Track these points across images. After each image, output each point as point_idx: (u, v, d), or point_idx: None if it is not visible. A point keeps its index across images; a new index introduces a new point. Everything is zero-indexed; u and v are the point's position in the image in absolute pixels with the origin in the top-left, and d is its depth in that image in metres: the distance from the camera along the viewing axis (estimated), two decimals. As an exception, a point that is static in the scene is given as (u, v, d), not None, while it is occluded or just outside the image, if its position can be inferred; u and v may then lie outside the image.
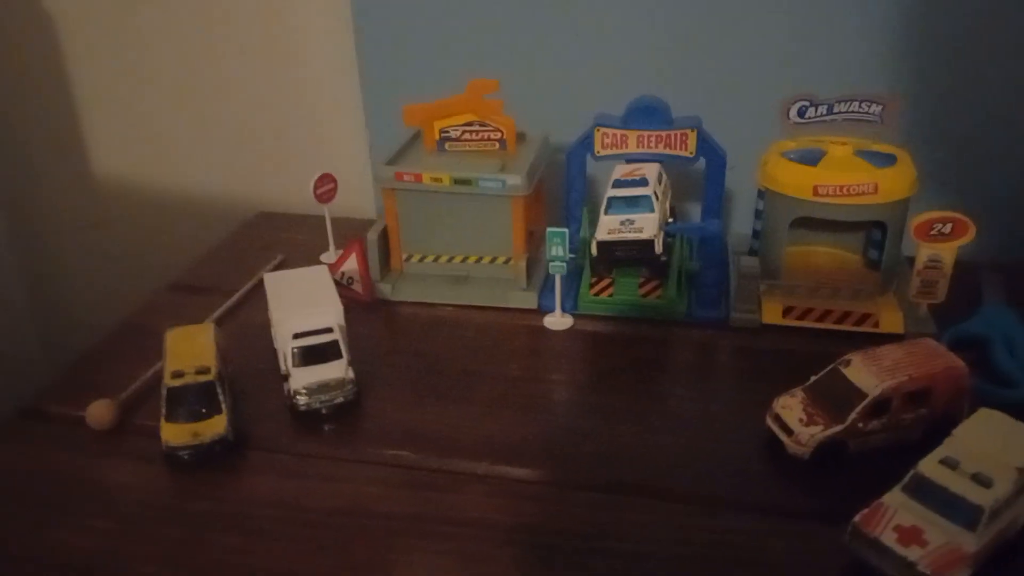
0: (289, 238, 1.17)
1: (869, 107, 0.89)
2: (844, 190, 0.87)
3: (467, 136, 1.01)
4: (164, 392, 0.76)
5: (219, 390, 0.76)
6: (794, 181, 0.89)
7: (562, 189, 1.01)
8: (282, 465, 0.75)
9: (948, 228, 0.85)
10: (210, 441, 0.74)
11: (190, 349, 0.80)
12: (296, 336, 0.81)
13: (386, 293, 1.00)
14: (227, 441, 0.75)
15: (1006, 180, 1.07)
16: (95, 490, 0.73)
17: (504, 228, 0.97)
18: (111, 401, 0.80)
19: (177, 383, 0.76)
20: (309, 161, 1.24)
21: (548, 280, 0.99)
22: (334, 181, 1.06)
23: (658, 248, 0.87)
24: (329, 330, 0.82)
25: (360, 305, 0.98)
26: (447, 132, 1.01)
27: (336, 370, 0.80)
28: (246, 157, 1.33)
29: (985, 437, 0.64)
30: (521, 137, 1.05)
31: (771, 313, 0.92)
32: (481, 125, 1.00)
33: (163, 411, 0.75)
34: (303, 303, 0.85)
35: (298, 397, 0.79)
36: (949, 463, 0.62)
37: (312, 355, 0.81)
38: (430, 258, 1.01)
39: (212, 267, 1.13)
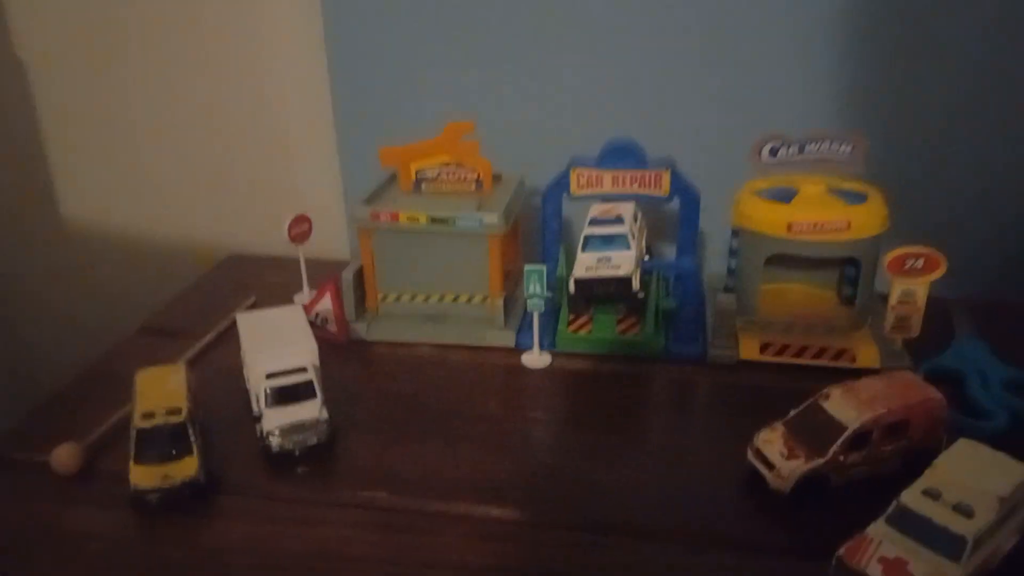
0: (262, 280, 1.16)
1: (840, 146, 0.91)
2: (818, 227, 0.88)
3: (444, 177, 1.02)
4: (133, 433, 0.74)
5: (190, 431, 0.74)
6: (768, 218, 0.90)
7: (538, 230, 1.02)
8: (255, 509, 0.73)
9: (920, 263, 0.86)
10: (180, 483, 0.72)
11: (161, 390, 0.79)
12: (269, 376, 0.80)
13: (361, 333, 0.99)
14: (198, 483, 0.73)
15: (975, 218, 1.09)
16: (60, 539, 0.70)
17: (481, 267, 0.97)
18: (77, 445, 0.78)
19: (147, 424, 0.74)
20: (283, 203, 1.23)
21: (526, 318, 0.99)
22: (308, 222, 1.06)
23: (635, 285, 0.87)
24: (303, 370, 0.81)
25: (335, 346, 0.97)
26: (423, 173, 1.01)
27: (310, 410, 0.79)
28: (220, 200, 1.32)
29: (966, 467, 0.64)
30: (497, 178, 1.05)
31: (748, 349, 0.92)
32: (457, 166, 1.01)
33: (132, 452, 0.73)
34: (276, 343, 0.84)
35: (271, 438, 0.77)
36: (931, 494, 0.62)
37: (285, 395, 0.79)
38: (406, 297, 1.00)
39: (183, 309, 1.11)
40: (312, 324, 0.91)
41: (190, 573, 0.66)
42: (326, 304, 0.97)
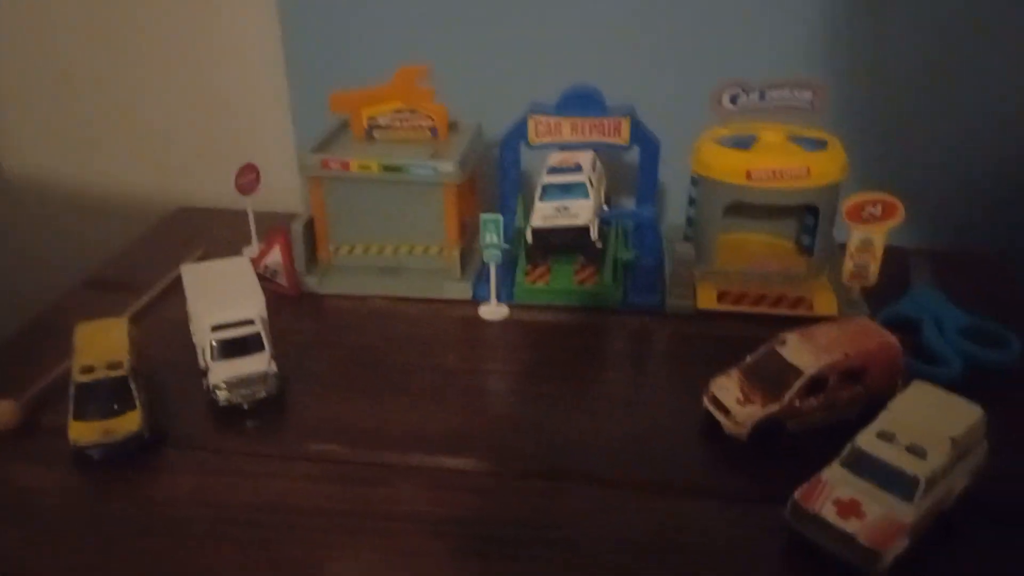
0: (210, 233, 1.12)
1: (800, 93, 0.90)
2: (777, 174, 0.87)
3: (397, 124, 0.99)
4: (72, 388, 0.71)
5: (132, 385, 0.72)
6: (727, 166, 0.89)
7: (496, 179, 1.00)
8: (203, 462, 0.71)
9: (879, 210, 0.85)
10: (123, 438, 0.70)
11: (101, 343, 0.76)
12: (215, 328, 0.77)
13: (313, 286, 0.97)
14: (142, 438, 0.71)
15: (931, 169, 1.09)
16: (4, 496, 0.68)
17: (437, 217, 0.95)
18: (14, 401, 0.75)
19: (86, 378, 0.71)
20: (232, 155, 1.19)
21: (483, 270, 0.97)
22: (256, 171, 1.02)
23: (594, 234, 0.86)
24: (250, 322, 0.78)
25: (286, 299, 0.94)
26: (375, 120, 0.98)
27: (258, 363, 0.76)
28: (167, 151, 1.27)
29: (920, 409, 0.64)
30: (454, 126, 1.03)
31: (706, 298, 0.92)
32: (411, 112, 0.98)
33: (71, 408, 0.70)
34: (222, 295, 0.81)
35: (218, 392, 0.75)
36: (885, 436, 0.62)
37: (232, 348, 0.77)
38: (360, 249, 0.98)
39: (129, 263, 1.07)
40: (262, 277, 0.89)
41: (138, 527, 0.65)
42: (276, 256, 0.94)
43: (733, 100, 0.91)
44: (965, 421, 0.63)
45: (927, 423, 0.62)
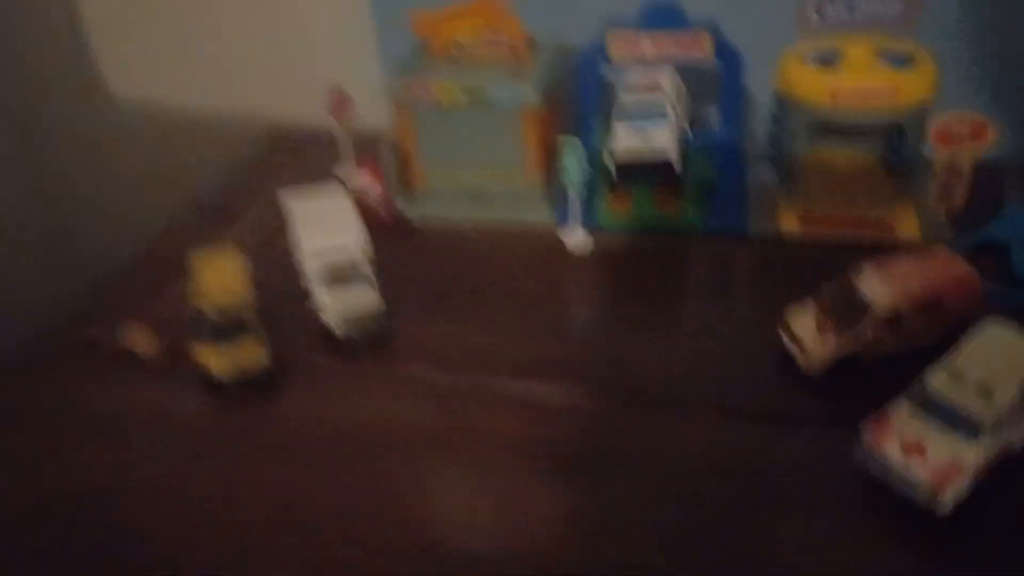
0: (303, 153, 1.16)
1: (890, 4, 0.87)
2: (863, 95, 0.85)
3: (477, 44, 0.99)
4: (198, 319, 0.79)
5: (252, 316, 0.79)
6: (811, 87, 0.87)
7: (577, 99, 1.00)
8: (318, 386, 0.79)
9: (967, 130, 0.84)
10: (249, 367, 0.78)
11: (219, 276, 0.81)
12: (323, 261, 0.82)
13: (404, 211, 1.01)
14: (266, 367, 0.78)
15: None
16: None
17: (518, 140, 0.96)
18: (150, 328, 0.83)
19: (211, 310, 0.78)
20: (318, 75, 1.22)
21: (566, 194, 0.99)
22: (348, 98, 1.04)
23: (678, 168, 0.87)
24: (356, 260, 0.83)
25: (379, 225, 0.99)
26: (456, 40, 0.99)
27: (368, 301, 0.82)
28: (253, 73, 1.30)
29: (991, 349, 0.65)
30: (534, 45, 1.02)
31: (788, 222, 0.92)
32: (491, 31, 0.98)
33: (201, 338, 0.78)
34: (328, 231, 0.85)
35: (335, 325, 0.81)
36: (954, 376, 0.63)
37: (343, 283, 0.82)
38: (447, 174, 1.01)
39: (229, 186, 1.13)
40: (358, 203, 0.93)
41: (261, 445, 0.74)
42: (368, 182, 0.98)
43: (819, 12, 0.89)
44: (1036, 361, 0.64)
45: (998, 364, 0.64)
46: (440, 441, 0.72)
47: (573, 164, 0.91)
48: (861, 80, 0.85)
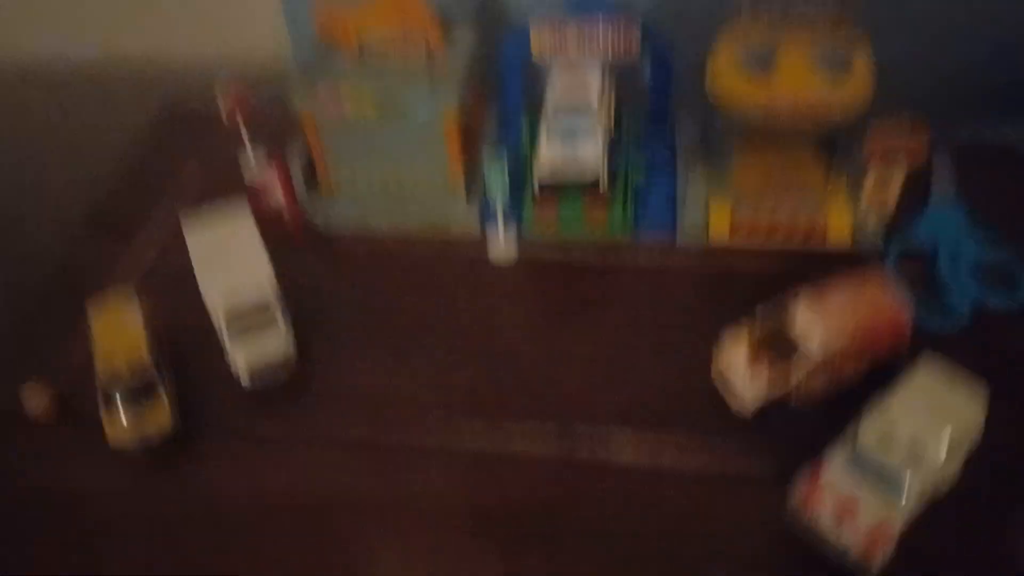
0: (202, 142, 1.07)
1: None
2: (797, 106, 0.81)
3: (389, 47, 0.91)
4: (99, 385, 0.74)
5: (158, 378, 0.75)
6: (744, 94, 0.83)
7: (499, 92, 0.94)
8: (234, 450, 0.75)
9: (902, 144, 0.81)
10: (154, 435, 0.73)
11: (119, 336, 0.77)
12: (229, 312, 0.77)
13: (313, 215, 0.94)
14: (174, 432, 0.74)
15: (969, 46, 1.01)
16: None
17: (439, 148, 0.89)
18: (45, 386, 0.77)
19: (110, 376, 0.74)
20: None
21: (489, 203, 0.93)
22: (246, 93, 0.94)
23: (603, 186, 0.83)
24: (264, 299, 0.78)
25: (286, 235, 0.92)
26: (366, 44, 0.90)
27: (278, 347, 0.77)
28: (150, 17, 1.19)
29: (922, 399, 0.65)
30: (449, 35, 0.94)
31: (718, 230, 0.89)
32: (403, 32, 0.90)
33: (101, 405, 0.73)
34: (233, 268, 0.78)
35: (241, 376, 0.77)
36: (884, 433, 0.63)
37: (250, 328, 0.77)
38: (362, 180, 0.94)
39: (124, 187, 1.04)
40: (265, 214, 0.86)
41: (180, 518, 0.70)
42: (276, 192, 0.91)
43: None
44: (967, 412, 0.64)
45: (929, 416, 0.63)
46: (364, 505, 0.70)
47: (496, 176, 0.86)
48: (796, 90, 0.81)
